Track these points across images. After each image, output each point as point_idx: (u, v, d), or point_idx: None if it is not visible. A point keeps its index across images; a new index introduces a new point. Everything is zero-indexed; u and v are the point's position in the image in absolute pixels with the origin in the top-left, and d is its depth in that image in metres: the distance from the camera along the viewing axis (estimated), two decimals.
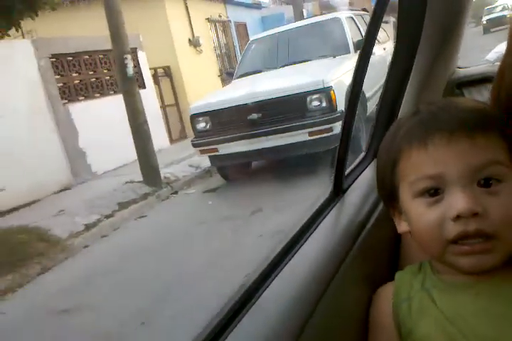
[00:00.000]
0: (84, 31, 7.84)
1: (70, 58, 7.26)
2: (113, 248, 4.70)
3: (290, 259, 0.76)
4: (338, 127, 4.88)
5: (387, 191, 0.74)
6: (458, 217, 0.64)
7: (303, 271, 0.72)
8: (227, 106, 5.44)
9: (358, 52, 1.00)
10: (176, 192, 6.30)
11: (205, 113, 5.57)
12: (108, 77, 8.02)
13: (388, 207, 0.77)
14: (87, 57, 7.56)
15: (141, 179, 6.30)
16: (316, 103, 5.05)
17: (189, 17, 10.70)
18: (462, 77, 1.43)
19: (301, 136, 5.12)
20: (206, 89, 10.66)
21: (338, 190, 0.99)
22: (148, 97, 8.35)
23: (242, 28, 14.14)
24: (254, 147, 5.30)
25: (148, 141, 6.16)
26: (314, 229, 0.85)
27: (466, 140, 0.65)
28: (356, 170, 1.14)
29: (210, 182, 6.52)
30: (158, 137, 8.04)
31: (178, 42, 10.00)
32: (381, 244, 0.93)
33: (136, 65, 8.70)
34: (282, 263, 0.74)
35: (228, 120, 5.42)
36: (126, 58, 5.76)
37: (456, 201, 0.64)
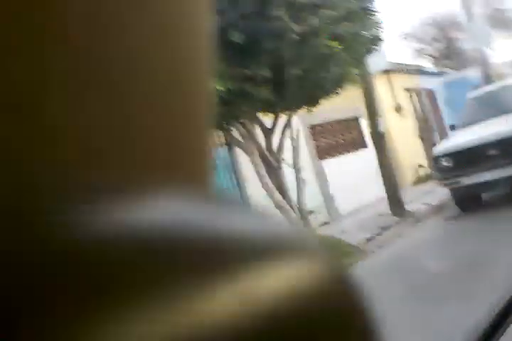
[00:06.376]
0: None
1: (321, 127, 9.70)
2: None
3: None
4: None
5: None
6: None
7: None
8: (465, 147, 7.07)
9: None
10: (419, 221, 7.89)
11: (446, 154, 7.25)
12: (350, 139, 10.29)
13: None
14: (334, 125, 9.99)
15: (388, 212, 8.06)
16: None
17: (392, 88, 12.79)
18: None
19: None
20: (410, 147, 12.43)
21: None
22: (371, 155, 10.33)
23: (430, 94, 15.92)
24: (493, 177, 6.73)
25: (395, 182, 7.97)
26: None
27: None
28: None
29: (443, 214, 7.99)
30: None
31: (385, 109, 12.02)
32: None
33: (360, 130, 10.89)
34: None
35: (466, 157, 7.01)
36: (378, 119, 7.82)
37: None
